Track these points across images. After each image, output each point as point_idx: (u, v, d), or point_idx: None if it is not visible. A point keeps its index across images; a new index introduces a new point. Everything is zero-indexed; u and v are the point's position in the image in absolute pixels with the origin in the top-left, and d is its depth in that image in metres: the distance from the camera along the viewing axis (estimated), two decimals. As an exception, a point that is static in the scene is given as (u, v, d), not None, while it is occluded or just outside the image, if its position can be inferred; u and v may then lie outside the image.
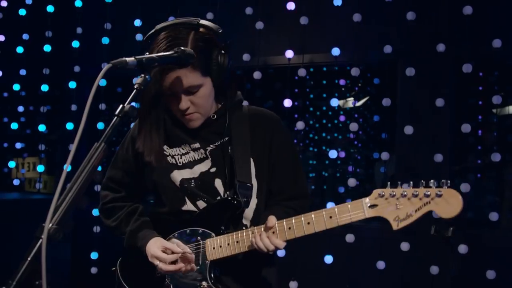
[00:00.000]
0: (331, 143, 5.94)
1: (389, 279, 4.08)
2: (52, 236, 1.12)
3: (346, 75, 4.96)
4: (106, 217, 2.19)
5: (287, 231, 1.82)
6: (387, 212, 1.64)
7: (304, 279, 4.21)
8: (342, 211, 1.72)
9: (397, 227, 1.62)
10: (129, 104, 1.36)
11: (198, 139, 2.04)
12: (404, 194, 1.61)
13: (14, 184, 5.67)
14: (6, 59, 5.47)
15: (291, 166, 2.10)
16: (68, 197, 1.18)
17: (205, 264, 1.96)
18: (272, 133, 2.06)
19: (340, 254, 4.15)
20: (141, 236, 2.03)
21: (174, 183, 2.04)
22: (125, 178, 2.16)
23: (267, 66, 4.71)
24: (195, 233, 2.00)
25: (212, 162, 2.03)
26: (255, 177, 2.02)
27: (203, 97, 1.91)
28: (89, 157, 1.23)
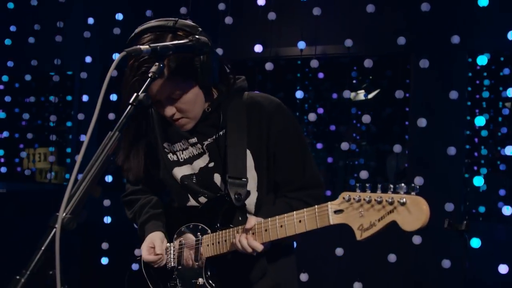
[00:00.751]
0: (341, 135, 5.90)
1: (400, 273, 4.06)
2: (66, 226, 1.11)
3: (358, 67, 4.93)
4: (127, 209, 2.24)
5: (263, 233, 1.74)
6: (352, 219, 1.46)
7: (314, 271, 4.20)
8: (309, 216, 1.61)
9: (360, 237, 1.43)
10: (143, 93, 1.35)
11: (195, 133, 1.99)
12: (369, 199, 1.42)
13: (26, 174, 5.69)
14: (17, 49, 5.48)
15: (296, 154, 1.98)
16: (81, 186, 1.16)
17: (202, 261, 1.95)
18: (269, 120, 1.93)
19: (351, 246, 4.13)
20: (146, 229, 2.08)
21: (176, 180, 2.03)
22: (139, 173, 2.11)
23: (279, 58, 4.68)
24: (196, 229, 2.00)
25: (209, 157, 1.98)
26: (254, 168, 1.95)
27: (188, 102, 1.82)
28: (103, 146, 1.22)
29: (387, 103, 5.82)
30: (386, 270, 4.02)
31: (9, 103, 5.56)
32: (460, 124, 4.07)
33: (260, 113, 1.95)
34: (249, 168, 1.94)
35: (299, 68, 4.37)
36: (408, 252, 3.97)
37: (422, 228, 1.35)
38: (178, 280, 2.02)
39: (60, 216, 1.09)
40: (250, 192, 1.97)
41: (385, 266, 3.97)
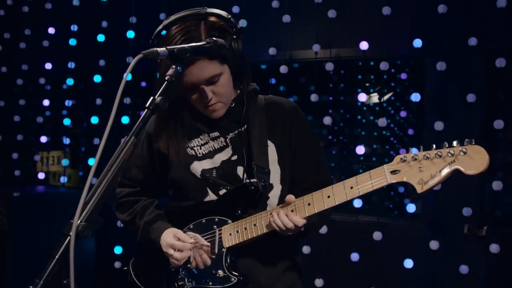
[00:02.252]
0: (356, 138, 5.85)
1: (416, 278, 4.00)
2: (81, 233, 1.08)
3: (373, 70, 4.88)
4: (121, 212, 2.16)
5: (306, 207, 1.78)
6: (410, 176, 1.59)
7: (330, 276, 4.15)
8: (362, 180, 1.68)
9: (421, 190, 1.56)
10: (160, 96, 1.31)
11: (217, 128, 2.01)
12: (427, 156, 1.57)
13: (39, 177, 5.69)
14: (32, 52, 5.49)
15: (312, 153, 2.05)
16: (96, 193, 1.13)
17: (221, 252, 1.91)
18: (290, 119, 2.02)
19: (367, 251, 4.08)
20: (155, 228, 2.00)
21: (195, 175, 2.00)
22: (139, 175, 2.14)
23: (293, 61, 4.65)
24: (211, 222, 1.96)
25: (233, 150, 1.99)
26: (277, 163, 1.98)
27: (224, 85, 1.88)
28: (119, 152, 1.19)
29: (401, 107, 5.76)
30: (403, 276, 3.96)
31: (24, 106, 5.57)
32: (478, 127, 4.00)
33: (281, 111, 2.03)
34: (272, 161, 1.97)
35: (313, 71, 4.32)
36: (425, 258, 3.91)
37: (483, 172, 1.51)
38: (187, 279, 1.97)
39: (74, 223, 1.06)
40: (273, 186, 1.98)
41: (401, 271, 3.92)
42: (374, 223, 4.08)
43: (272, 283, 1.99)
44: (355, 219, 4.16)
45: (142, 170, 2.12)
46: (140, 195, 2.15)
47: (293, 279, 2.06)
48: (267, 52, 4.40)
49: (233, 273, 1.89)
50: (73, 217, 1.08)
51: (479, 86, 3.91)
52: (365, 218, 4.32)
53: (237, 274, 1.89)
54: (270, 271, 1.98)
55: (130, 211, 2.11)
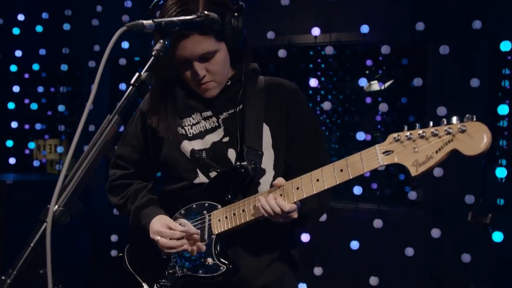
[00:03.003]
0: (356, 126, 5.75)
1: (417, 267, 3.92)
2: (58, 219, 0.99)
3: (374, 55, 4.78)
4: (114, 195, 2.07)
5: (295, 191, 1.66)
6: (404, 157, 1.45)
7: (329, 265, 4.08)
8: (353, 162, 1.55)
9: (416, 173, 1.42)
10: (146, 72, 1.21)
11: (210, 107, 1.91)
12: (423, 135, 1.42)
13: (35, 165, 5.61)
14: (26, 38, 5.38)
15: (312, 139, 1.94)
16: (76, 176, 1.04)
17: (211, 239, 1.82)
18: (289, 102, 1.91)
19: (367, 240, 4.01)
20: (145, 214, 1.91)
21: (184, 154, 1.90)
22: (134, 155, 2.04)
23: (292, 45, 4.54)
24: (201, 207, 1.87)
25: (225, 131, 1.89)
26: (271, 146, 1.88)
27: (219, 63, 1.78)
28: (101, 131, 1.09)
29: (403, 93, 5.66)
30: (403, 264, 3.89)
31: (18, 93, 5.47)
32: (480, 113, 3.90)
33: (281, 92, 1.92)
34: (266, 145, 1.86)
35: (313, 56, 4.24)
36: (426, 246, 3.84)
37: (484, 152, 1.35)
38: (178, 267, 1.89)
39: (51, 209, 0.97)
40: (266, 171, 1.88)
41: (402, 260, 3.84)
42: (374, 211, 4.00)
43: (256, 275, 1.89)
44: (355, 207, 4.08)
45: (137, 150, 2.03)
46: (133, 177, 2.06)
47: (281, 271, 1.95)
48: (265, 37, 4.29)
49: (222, 261, 1.81)
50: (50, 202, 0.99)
51: (483, 70, 3.82)
52: (365, 205, 4.24)
53: (226, 263, 1.80)
54: (255, 262, 1.89)
55: (122, 194, 2.02)
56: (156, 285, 1.95)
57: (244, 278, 1.86)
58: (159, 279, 1.95)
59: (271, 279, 1.91)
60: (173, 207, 1.93)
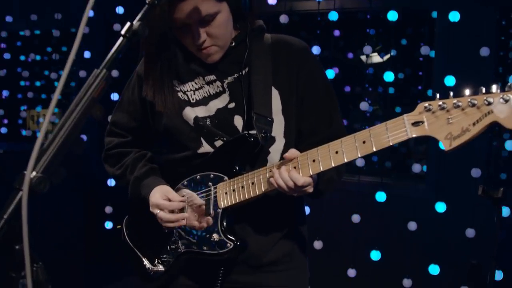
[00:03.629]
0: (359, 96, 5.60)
1: (420, 241, 3.83)
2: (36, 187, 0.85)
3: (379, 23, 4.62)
4: (111, 165, 1.93)
5: (311, 164, 1.51)
6: (436, 129, 1.30)
7: (329, 239, 3.98)
8: (378, 133, 1.39)
9: (450, 147, 1.28)
10: (139, 22, 1.06)
11: (214, 70, 1.74)
12: (458, 104, 1.27)
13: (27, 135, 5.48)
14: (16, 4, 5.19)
15: (324, 101, 1.77)
16: (57, 138, 0.90)
17: (217, 213, 1.69)
18: (299, 63, 1.74)
19: (368, 213, 3.90)
20: (146, 184, 1.78)
21: (187, 122, 1.75)
22: (131, 122, 1.89)
23: (293, 12, 4.37)
24: (206, 179, 1.72)
25: (230, 97, 1.73)
26: (281, 112, 1.72)
27: (220, 26, 1.62)
28: (87, 87, 0.95)
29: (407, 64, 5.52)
30: (406, 239, 3.79)
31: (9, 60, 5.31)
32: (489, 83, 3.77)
33: (290, 52, 1.74)
34: (275, 111, 1.71)
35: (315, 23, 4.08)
36: (430, 220, 3.74)
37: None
38: (180, 243, 1.76)
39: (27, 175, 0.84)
40: (276, 139, 1.73)
41: (405, 234, 3.74)
42: (377, 183, 3.88)
43: (265, 251, 1.77)
44: (357, 180, 3.97)
45: (134, 117, 1.88)
46: (131, 146, 1.92)
47: (290, 247, 1.83)
48: (266, 2, 4.12)
49: (229, 237, 1.67)
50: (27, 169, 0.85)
51: (491, 40, 3.67)
52: (366, 178, 4.13)
53: (233, 239, 1.67)
54: (263, 238, 1.76)
55: (120, 164, 1.89)
56: (157, 261, 1.84)
57: (251, 255, 1.74)
58: (160, 254, 1.83)
59: (279, 255, 1.79)
60: (175, 178, 1.80)
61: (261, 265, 1.77)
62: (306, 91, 1.74)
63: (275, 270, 1.79)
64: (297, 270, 1.85)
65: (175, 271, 1.81)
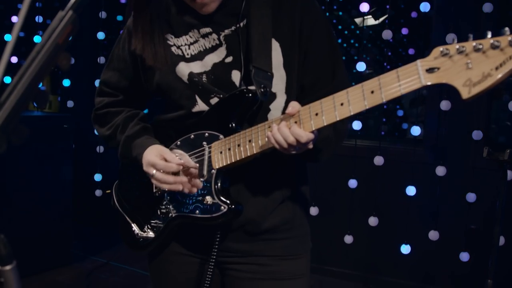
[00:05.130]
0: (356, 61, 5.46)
1: (420, 206, 3.74)
2: (-11, 149, 0.72)
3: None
4: (100, 125, 1.79)
5: (313, 118, 1.37)
6: (453, 75, 1.16)
7: (325, 205, 3.88)
8: (388, 81, 1.24)
9: (468, 95, 1.14)
10: None
11: (209, 23, 1.59)
12: (479, 47, 1.12)
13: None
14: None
15: (328, 52, 1.62)
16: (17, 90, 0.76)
17: (211, 174, 1.56)
18: (302, 13, 1.58)
19: (366, 178, 3.80)
20: (138, 143, 1.65)
21: (181, 79, 1.60)
22: (122, 81, 1.75)
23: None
24: (200, 138, 1.60)
25: (227, 50, 1.58)
26: (283, 66, 1.58)
27: None
28: (50, 31, 0.80)
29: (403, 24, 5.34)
30: (404, 204, 3.70)
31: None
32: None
33: (291, 3, 1.59)
34: (276, 65, 1.56)
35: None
36: (430, 185, 3.65)
37: None
38: (171, 206, 1.65)
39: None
40: (277, 95, 1.57)
41: (403, 199, 3.65)
42: (375, 148, 3.77)
43: (264, 216, 1.63)
44: (354, 144, 3.85)
45: (125, 75, 1.74)
46: (122, 105, 1.79)
47: (291, 212, 1.69)
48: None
49: (223, 199, 1.55)
50: None
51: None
52: (364, 142, 4.01)
53: (228, 202, 1.54)
54: (262, 202, 1.63)
55: (110, 124, 1.76)
56: (147, 226, 1.73)
57: (248, 220, 1.62)
58: (150, 219, 1.72)
59: (279, 221, 1.66)
60: (168, 138, 1.67)
61: (259, 232, 1.65)
62: (310, 43, 1.59)
63: (275, 238, 1.67)
64: (298, 239, 1.73)
65: (165, 237, 1.69)
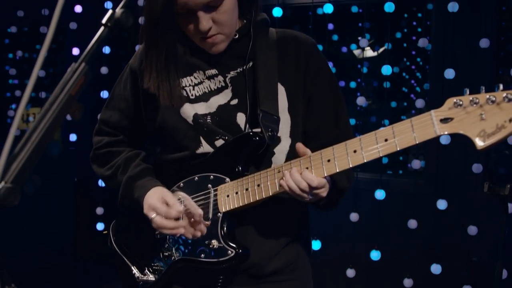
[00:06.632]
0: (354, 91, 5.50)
1: (421, 240, 3.74)
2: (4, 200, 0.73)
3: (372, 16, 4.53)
4: (100, 165, 1.79)
5: (325, 164, 1.40)
6: (468, 125, 1.21)
7: (327, 238, 3.88)
8: (401, 130, 1.29)
9: (483, 145, 1.19)
10: (122, 9, 0.93)
11: (215, 64, 1.63)
12: (492, 99, 1.18)
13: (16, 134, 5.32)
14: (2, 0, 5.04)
15: (331, 100, 1.67)
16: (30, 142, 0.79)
17: (217, 218, 1.56)
18: (307, 59, 1.63)
19: (367, 211, 3.80)
20: (140, 185, 1.64)
21: (186, 120, 1.62)
22: (123, 121, 1.76)
23: (286, 5, 4.27)
24: (205, 180, 1.60)
25: (233, 92, 1.62)
26: (287, 110, 1.61)
27: (227, 12, 1.50)
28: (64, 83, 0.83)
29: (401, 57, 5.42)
30: (407, 237, 3.69)
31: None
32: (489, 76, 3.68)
33: (296, 47, 1.64)
34: (281, 109, 1.60)
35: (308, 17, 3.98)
36: (431, 218, 3.65)
37: None
38: (174, 249, 1.63)
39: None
40: (281, 139, 1.61)
41: (405, 232, 3.65)
42: (376, 181, 3.78)
43: (267, 259, 1.64)
44: (355, 176, 3.86)
45: (125, 114, 1.75)
46: (122, 145, 1.79)
47: (295, 255, 1.71)
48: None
49: (230, 244, 1.55)
50: None
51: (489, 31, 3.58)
52: (365, 175, 4.03)
53: (235, 246, 1.54)
54: (267, 245, 1.63)
55: (110, 164, 1.75)
56: (148, 269, 1.71)
57: (252, 264, 1.61)
58: (151, 262, 1.70)
59: (283, 264, 1.67)
60: (170, 179, 1.67)
61: (264, 275, 1.65)
62: (314, 90, 1.64)
63: (279, 280, 1.67)
64: (301, 280, 1.73)
65: (167, 281, 1.68)
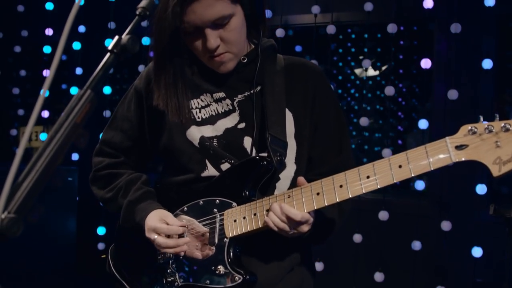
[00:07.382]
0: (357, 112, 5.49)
1: (425, 262, 3.70)
2: (7, 230, 0.72)
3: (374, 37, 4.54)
4: (100, 187, 1.76)
5: (315, 198, 1.42)
6: (483, 152, 1.21)
7: (330, 260, 3.84)
8: (416, 157, 1.29)
9: (499, 173, 1.20)
10: (128, 35, 0.93)
11: (223, 87, 1.62)
12: (507, 127, 1.19)
13: (17, 153, 5.31)
14: (7, 19, 5.06)
15: (336, 128, 1.67)
16: (34, 171, 0.78)
17: (223, 243, 1.54)
18: (315, 87, 1.64)
19: (371, 233, 3.77)
20: (141, 209, 1.62)
21: (192, 143, 1.61)
22: (125, 142, 1.74)
23: (289, 26, 4.29)
24: (211, 205, 1.58)
25: (240, 116, 1.61)
26: (294, 137, 1.61)
27: (235, 30, 1.51)
28: (69, 111, 0.82)
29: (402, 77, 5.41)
30: (410, 259, 3.66)
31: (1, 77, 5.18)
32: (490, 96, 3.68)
33: (305, 75, 1.65)
34: (288, 135, 1.59)
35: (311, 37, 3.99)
36: (435, 240, 3.62)
37: None
38: (178, 275, 1.60)
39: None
40: (287, 164, 1.60)
41: (408, 254, 3.62)
42: (379, 202, 3.76)
43: (273, 285, 1.62)
44: (358, 197, 3.84)
45: (128, 135, 1.72)
46: (123, 167, 1.76)
47: (301, 278, 1.70)
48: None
49: (237, 270, 1.52)
50: None
51: (491, 51, 3.58)
52: (367, 196, 4.01)
53: (242, 272, 1.52)
54: (273, 270, 1.62)
55: (111, 186, 1.72)
56: None
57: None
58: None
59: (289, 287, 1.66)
60: (173, 203, 1.65)
61: None
62: (320, 117, 1.65)
63: None
64: None
65: None
